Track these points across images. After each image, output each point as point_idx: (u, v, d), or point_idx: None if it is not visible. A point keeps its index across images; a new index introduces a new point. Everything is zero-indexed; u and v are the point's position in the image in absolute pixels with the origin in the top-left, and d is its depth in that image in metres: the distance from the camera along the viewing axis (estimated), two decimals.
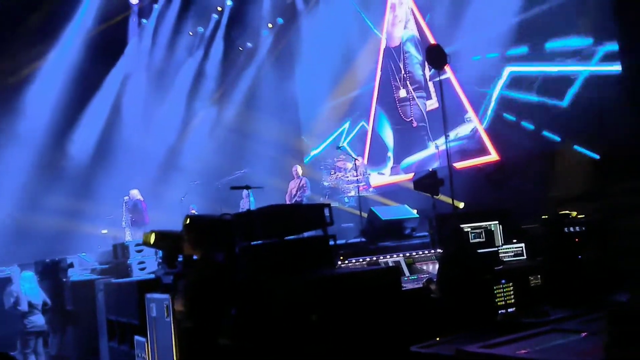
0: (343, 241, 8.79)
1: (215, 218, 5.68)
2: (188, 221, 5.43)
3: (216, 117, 17.02)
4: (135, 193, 12.97)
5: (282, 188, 13.25)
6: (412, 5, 14.02)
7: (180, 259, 6.11)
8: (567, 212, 7.20)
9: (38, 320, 8.81)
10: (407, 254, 7.00)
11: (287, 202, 12.47)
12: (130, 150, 15.14)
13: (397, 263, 6.73)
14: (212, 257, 4.73)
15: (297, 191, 12.60)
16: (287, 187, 12.97)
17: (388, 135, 14.94)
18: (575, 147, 9.80)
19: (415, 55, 14.18)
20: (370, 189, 13.53)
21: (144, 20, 16.25)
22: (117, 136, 15.42)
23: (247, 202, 12.37)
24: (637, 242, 2.69)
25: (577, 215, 7.00)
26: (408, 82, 14.25)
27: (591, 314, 3.77)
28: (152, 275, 6.81)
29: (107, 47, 15.12)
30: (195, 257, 4.85)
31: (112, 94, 15.75)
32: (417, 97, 13.97)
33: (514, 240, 7.28)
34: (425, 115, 13.73)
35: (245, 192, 12.72)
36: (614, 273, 3.28)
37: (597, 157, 9.30)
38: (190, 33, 16.86)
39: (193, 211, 12.91)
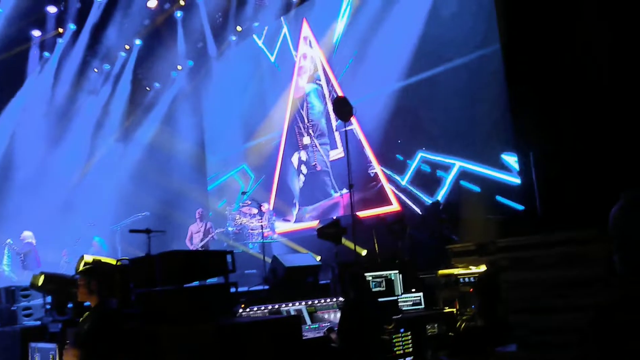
0: (245, 288, 8.66)
1: (112, 263, 5.45)
2: (82, 266, 5.18)
3: (120, 158, 16.52)
4: (27, 235, 12.19)
5: (185, 233, 12.96)
6: (321, 57, 14.42)
7: (70, 305, 5.79)
8: (464, 263, 7.51)
9: None
10: (309, 302, 7.00)
11: (188, 246, 12.17)
12: (25, 189, 14.31)
13: (299, 311, 6.70)
14: (106, 304, 4.51)
15: (203, 235, 12.29)
16: (188, 231, 12.68)
17: (294, 182, 15.06)
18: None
19: (318, 105, 14.52)
20: (275, 236, 13.50)
21: (46, 54, 15.65)
22: (11, 174, 14.55)
23: (100, 248, 12.02)
24: (517, 296, 2.86)
25: (470, 266, 7.32)
26: (311, 131, 14.53)
27: None
28: (38, 323, 6.39)
29: (4, 79, 14.40)
30: (87, 303, 4.60)
31: (8, 130, 14.94)
32: (321, 145, 14.25)
33: (413, 290, 7.49)
34: (328, 164, 13.99)
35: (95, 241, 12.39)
36: (502, 324, 3.44)
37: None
38: (96, 70, 16.43)
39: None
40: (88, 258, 5.55)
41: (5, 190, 14.19)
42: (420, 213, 11.15)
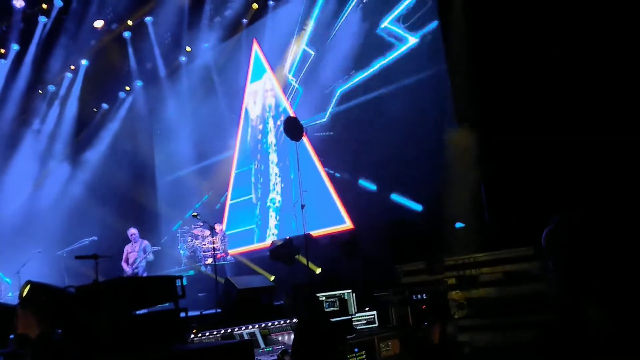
0: (197, 312, 8.52)
1: (57, 291, 5.26)
2: (25, 295, 4.97)
3: (67, 181, 16.07)
4: None
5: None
6: (272, 77, 14.46)
7: (12, 337, 5.56)
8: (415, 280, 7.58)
9: None
10: (263, 325, 6.94)
11: (124, 268, 11.72)
12: None
13: (253, 334, 6.63)
14: (49, 335, 4.34)
15: (137, 255, 11.80)
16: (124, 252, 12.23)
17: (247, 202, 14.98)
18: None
19: (270, 125, 14.55)
20: (228, 257, 13.36)
21: None
22: None
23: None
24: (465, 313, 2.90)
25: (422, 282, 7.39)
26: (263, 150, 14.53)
27: None
28: None
29: None
30: (29, 335, 4.42)
31: None
32: (273, 164, 14.25)
33: (367, 308, 7.51)
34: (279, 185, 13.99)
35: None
36: (452, 343, 3.48)
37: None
38: (40, 92, 16.02)
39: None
40: (30, 285, 5.32)
41: None
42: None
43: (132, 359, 3.81)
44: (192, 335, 6.02)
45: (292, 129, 9.26)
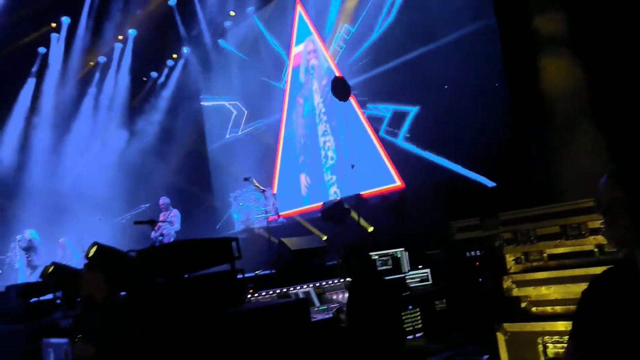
0: (253, 274, 8.71)
1: (120, 254, 5.47)
2: (91, 256, 5.20)
3: (122, 149, 16.52)
4: (29, 232, 12.19)
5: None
6: (317, 38, 14.33)
7: (79, 299, 5.82)
8: (468, 237, 7.51)
9: None
10: (317, 284, 7.04)
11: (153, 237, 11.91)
12: (27, 186, 14.38)
13: (307, 294, 6.74)
14: (114, 297, 4.54)
15: (165, 224, 11.88)
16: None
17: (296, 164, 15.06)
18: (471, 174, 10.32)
19: (317, 87, 14.47)
20: (280, 219, 13.53)
21: (41, 49, 15.60)
22: (10, 170, 14.62)
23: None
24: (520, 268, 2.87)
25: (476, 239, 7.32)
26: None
27: (491, 337, 3.92)
28: (49, 319, 6.43)
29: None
30: (95, 296, 4.63)
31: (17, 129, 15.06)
32: (321, 125, 14.21)
33: (420, 266, 7.51)
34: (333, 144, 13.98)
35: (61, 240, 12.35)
36: (508, 298, 3.47)
37: (494, 184, 9.80)
38: (92, 63, 16.38)
39: (61, 240, 12.32)
40: (97, 247, 5.54)
41: (15, 187, 14.27)
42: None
43: (193, 319, 3.95)
44: (249, 296, 6.17)
45: (339, 89, 9.19)
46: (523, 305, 2.95)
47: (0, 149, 14.82)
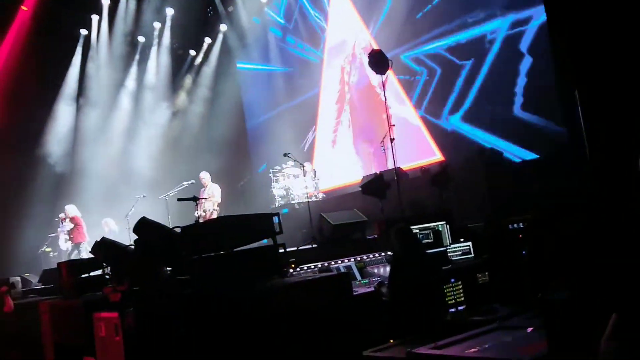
0: (294, 248, 8.80)
1: (166, 232, 5.60)
2: (139, 233, 5.33)
3: (164, 127, 16.77)
4: (70, 209, 12.46)
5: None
6: (355, 12, 14.19)
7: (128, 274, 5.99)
8: (510, 209, 7.41)
9: None
10: (358, 258, 7.06)
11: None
12: (72, 164, 14.78)
13: (349, 268, 6.78)
14: (161, 271, 4.66)
15: (206, 201, 11.89)
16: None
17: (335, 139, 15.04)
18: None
19: (355, 60, 14.36)
20: (320, 194, 13.57)
21: (82, 31, 15.88)
22: (57, 150, 15.03)
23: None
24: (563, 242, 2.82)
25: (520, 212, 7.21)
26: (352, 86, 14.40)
27: (535, 310, 3.89)
28: (99, 294, 6.64)
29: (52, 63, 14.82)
30: (143, 272, 4.76)
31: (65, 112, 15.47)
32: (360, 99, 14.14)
33: (461, 239, 7.44)
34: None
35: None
36: (554, 270, 3.41)
37: (537, 156, 9.63)
38: (133, 43, 16.58)
39: (104, 220, 12.57)
40: (143, 224, 5.67)
41: (51, 165, 14.68)
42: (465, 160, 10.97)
43: (236, 292, 4.02)
44: (291, 270, 6.24)
45: (378, 62, 9.09)
46: (568, 279, 2.90)
47: (50, 132, 15.21)
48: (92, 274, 7.42)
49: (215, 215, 11.86)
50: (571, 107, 8.01)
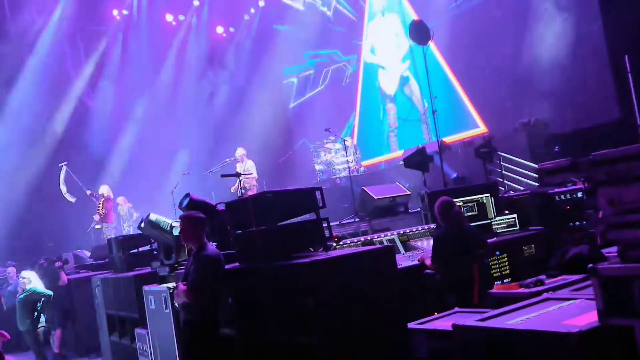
0: (337, 222, 8.83)
1: (210, 207, 5.69)
2: (185, 208, 5.44)
3: (203, 105, 16.93)
4: (104, 189, 12.58)
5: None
6: None
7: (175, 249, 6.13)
8: (558, 181, 7.25)
9: (44, 318, 8.82)
10: (401, 232, 7.04)
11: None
12: (119, 145, 15.12)
13: (392, 241, 6.77)
14: (207, 246, 4.75)
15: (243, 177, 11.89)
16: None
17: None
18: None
19: (396, 31, 14.15)
20: (362, 169, 13.55)
21: (124, 12, 16.07)
22: (102, 130, 15.36)
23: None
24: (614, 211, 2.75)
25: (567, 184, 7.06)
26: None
27: (585, 281, 3.82)
28: (149, 268, 6.83)
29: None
30: (190, 246, 4.86)
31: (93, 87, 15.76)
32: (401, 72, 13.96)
33: (506, 212, 7.33)
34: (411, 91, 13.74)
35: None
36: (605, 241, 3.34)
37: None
38: (174, 22, 16.72)
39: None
40: (190, 200, 5.77)
41: (95, 145, 15.03)
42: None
43: (281, 266, 4.07)
44: (334, 244, 6.27)
45: (419, 33, 8.92)
46: (618, 248, 2.83)
47: (93, 112, 15.55)
48: (140, 249, 7.63)
49: (254, 192, 11.93)
50: (621, 74, 7.76)
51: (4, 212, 12.90)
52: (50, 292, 8.85)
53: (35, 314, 8.59)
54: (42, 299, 8.76)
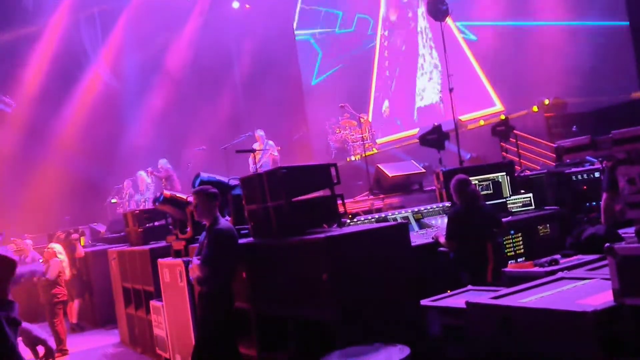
0: (351, 199, 8.83)
1: (223, 183, 5.71)
2: (197, 185, 5.47)
3: (221, 83, 16.87)
4: (164, 162, 12.63)
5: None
6: None
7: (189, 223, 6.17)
8: (576, 160, 7.18)
9: (63, 290, 8.92)
10: (416, 209, 7.02)
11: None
12: (131, 121, 15.19)
13: (406, 218, 6.75)
14: (221, 221, 4.78)
15: (262, 154, 11.87)
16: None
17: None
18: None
19: (411, 7, 13.97)
20: (376, 146, 13.50)
21: None
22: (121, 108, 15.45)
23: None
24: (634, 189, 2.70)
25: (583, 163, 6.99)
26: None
27: (600, 261, 3.79)
28: (164, 242, 6.89)
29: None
30: (204, 221, 4.88)
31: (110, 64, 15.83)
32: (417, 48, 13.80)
33: (522, 191, 7.27)
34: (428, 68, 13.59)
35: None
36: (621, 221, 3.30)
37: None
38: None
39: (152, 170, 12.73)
40: (201, 177, 5.80)
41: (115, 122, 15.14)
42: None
43: (295, 241, 4.08)
44: (348, 220, 6.28)
45: (436, 9, 8.80)
46: (636, 228, 2.79)
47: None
48: (156, 223, 7.69)
49: None
50: None
51: (21, 187, 13.09)
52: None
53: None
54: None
